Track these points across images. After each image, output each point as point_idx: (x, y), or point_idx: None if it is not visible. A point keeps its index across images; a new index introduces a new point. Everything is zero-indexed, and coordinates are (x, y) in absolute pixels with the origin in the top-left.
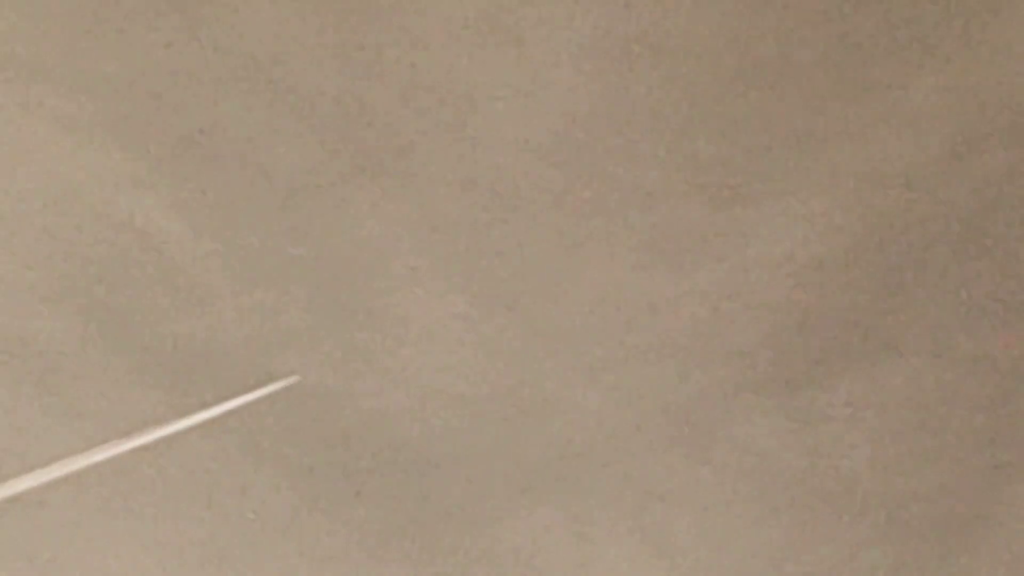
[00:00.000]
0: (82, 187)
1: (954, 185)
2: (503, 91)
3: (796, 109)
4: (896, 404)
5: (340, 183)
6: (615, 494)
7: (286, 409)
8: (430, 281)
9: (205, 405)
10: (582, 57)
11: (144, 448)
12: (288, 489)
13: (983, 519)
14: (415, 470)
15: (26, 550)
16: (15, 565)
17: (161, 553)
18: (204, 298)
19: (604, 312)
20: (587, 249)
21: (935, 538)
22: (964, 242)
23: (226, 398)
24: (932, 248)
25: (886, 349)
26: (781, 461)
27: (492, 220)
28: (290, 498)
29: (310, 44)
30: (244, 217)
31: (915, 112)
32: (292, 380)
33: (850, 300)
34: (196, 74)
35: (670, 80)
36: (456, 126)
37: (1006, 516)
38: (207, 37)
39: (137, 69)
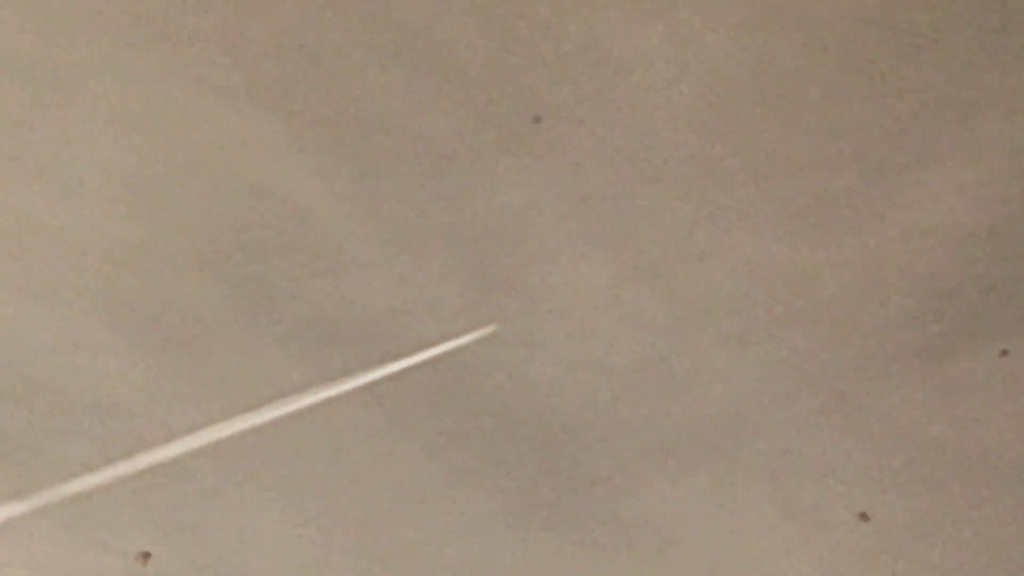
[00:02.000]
0: (229, 154)
1: None
2: (651, 59)
3: (948, 78)
4: None
5: (485, 152)
6: (760, 465)
7: (428, 379)
8: (575, 251)
9: (349, 374)
10: (731, 25)
11: (287, 417)
12: (432, 459)
13: None
14: (560, 440)
15: (169, 518)
16: (158, 533)
17: (303, 522)
18: (349, 266)
19: (750, 281)
20: (734, 218)
21: None
22: None
23: (370, 367)
24: None
25: None
26: (926, 431)
27: (638, 189)
28: (433, 468)
29: (457, 12)
30: (389, 185)
31: None
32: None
33: (999, 270)
34: (344, 42)
35: (819, 48)
36: (603, 95)
37: None
38: (355, 5)
39: (286, 36)
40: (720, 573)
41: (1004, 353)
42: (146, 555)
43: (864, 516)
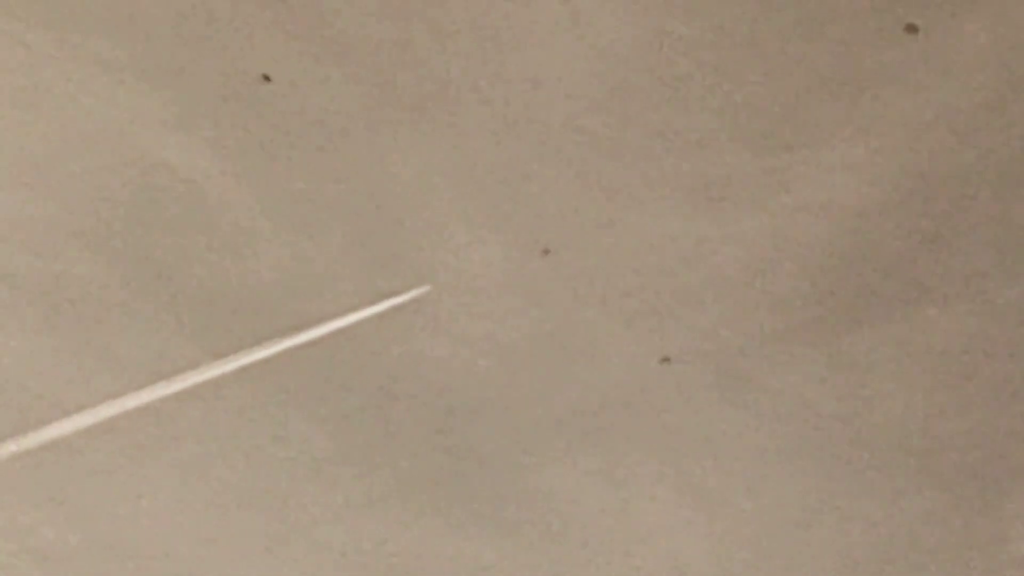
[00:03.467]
0: (120, 129)
1: (997, 132)
2: (544, 34)
3: (838, 55)
4: (936, 351)
5: (377, 127)
6: (652, 441)
7: (321, 355)
8: (468, 226)
9: (241, 350)
10: (626, 1)
11: (178, 394)
12: (323, 436)
13: (1022, 467)
14: (450, 417)
15: (59, 496)
16: (48, 511)
17: (194, 500)
18: (241, 242)
19: (644, 258)
20: (627, 195)
21: (973, 486)
22: (1006, 189)
23: (262, 343)
24: (974, 195)
25: (926, 296)
26: (820, 408)
27: (532, 165)
28: (325, 445)
29: None
30: (281, 160)
31: (959, 57)
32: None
33: (891, 247)
34: (236, 17)
35: (713, 25)
36: (496, 69)
37: None
38: None
39: (178, 11)
40: (615, 551)
41: (894, 329)
42: None
43: (756, 492)
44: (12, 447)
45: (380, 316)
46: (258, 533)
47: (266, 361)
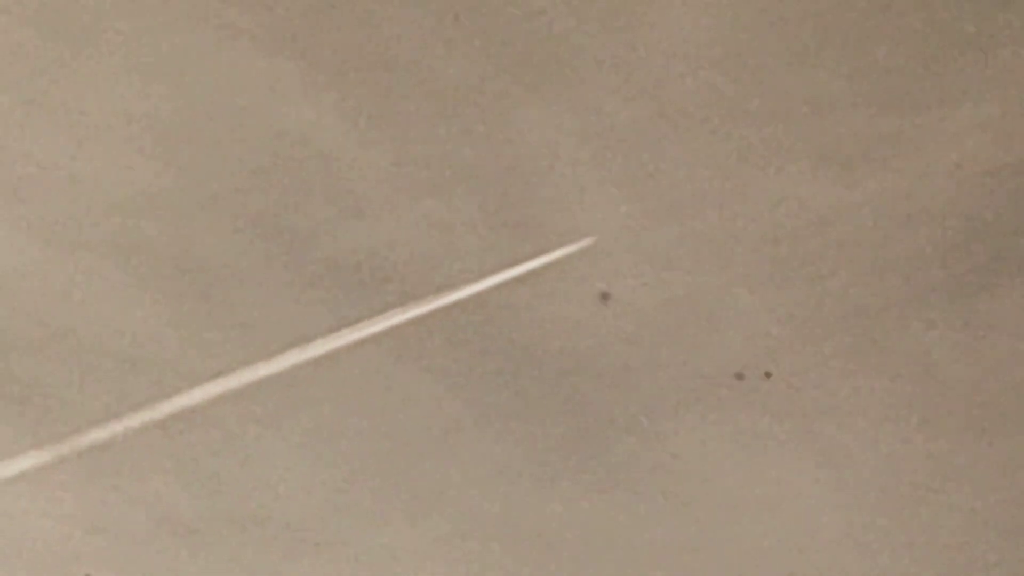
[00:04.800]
0: (253, 98)
1: None
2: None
3: (970, 15)
4: None
5: (509, 93)
6: (784, 405)
7: (454, 321)
8: (599, 191)
9: (372, 318)
10: None
11: (311, 361)
12: (456, 402)
13: None
14: (583, 382)
15: (192, 465)
16: (182, 480)
17: (326, 466)
18: (371, 210)
19: (773, 221)
20: (757, 158)
21: None
22: None
23: (393, 310)
24: None
25: None
26: (950, 371)
27: (660, 130)
28: (457, 411)
29: None
30: (411, 128)
31: None
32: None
33: (1021, 208)
34: None
35: None
36: (625, 35)
37: None
38: None
39: None
40: (746, 514)
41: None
42: None
43: (886, 455)
44: (146, 417)
45: (513, 281)
46: (391, 499)
47: (398, 327)
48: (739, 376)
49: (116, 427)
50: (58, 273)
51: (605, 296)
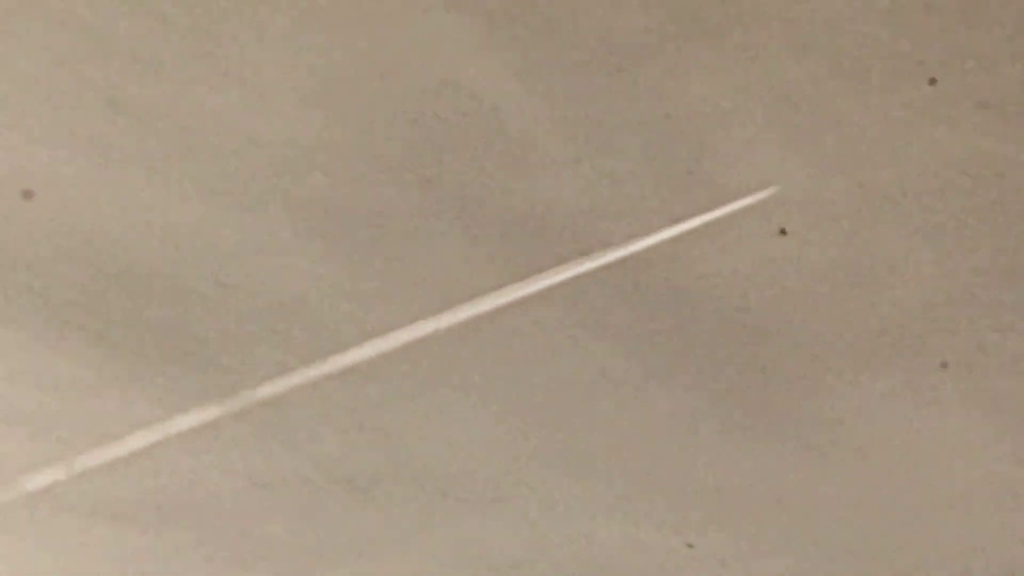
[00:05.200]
0: (420, 52)
1: None
2: None
3: None
4: None
5: (677, 47)
6: (956, 360)
7: (621, 277)
8: (770, 146)
9: (540, 273)
10: None
11: (478, 317)
12: (624, 358)
13: None
14: (752, 337)
15: (362, 419)
16: (353, 437)
17: (495, 422)
18: (539, 165)
19: (947, 176)
20: (929, 111)
21: None
22: None
23: (561, 266)
24: None
25: None
26: None
27: (831, 84)
28: (626, 367)
29: None
30: (579, 81)
31: None
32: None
33: None
34: None
35: None
36: None
37: None
38: None
39: None
40: (920, 470)
41: None
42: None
43: None
44: (317, 371)
45: (684, 235)
46: (559, 455)
47: (565, 283)
48: (909, 331)
49: (287, 382)
50: (229, 229)
51: (779, 249)
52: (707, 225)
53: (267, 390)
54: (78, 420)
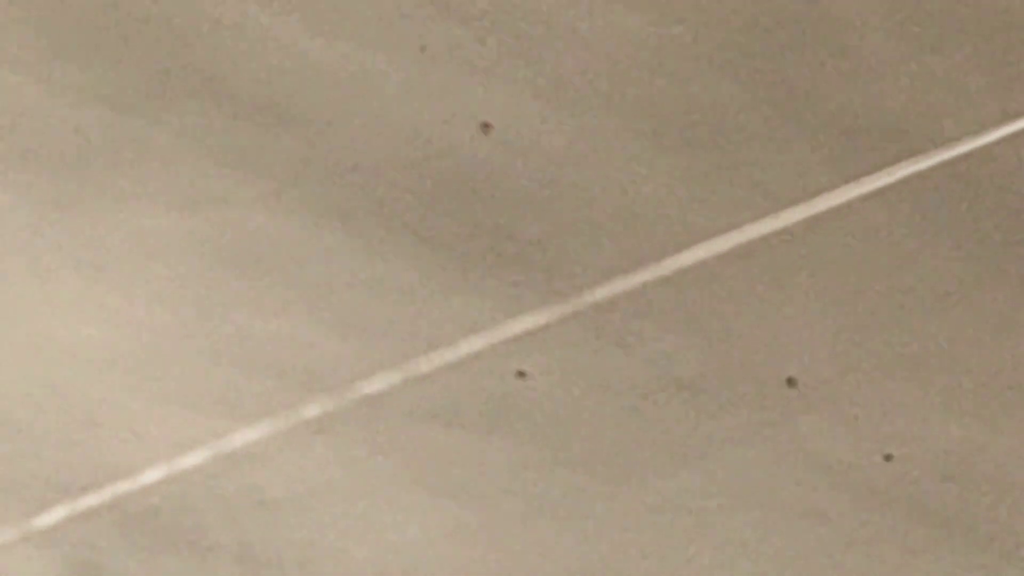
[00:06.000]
0: None
1: None
2: None
3: None
4: None
5: None
6: None
7: (954, 177)
8: None
9: (874, 173)
10: None
11: (812, 218)
12: (959, 259)
13: None
14: None
15: (697, 320)
16: (687, 338)
17: (827, 325)
18: (874, 65)
19: None
20: None
21: None
22: None
23: (895, 166)
24: None
25: None
26: None
27: None
28: (960, 268)
29: None
30: None
31: None
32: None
33: None
34: None
35: None
36: None
37: None
38: None
39: None
40: None
41: None
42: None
43: None
44: (651, 273)
45: (1017, 134)
46: (893, 356)
47: (898, 184)
48: None
49: (618, 285)
50: (562, 130)
51: None
52: None
53: (598, 293)
54: (412, 325)
